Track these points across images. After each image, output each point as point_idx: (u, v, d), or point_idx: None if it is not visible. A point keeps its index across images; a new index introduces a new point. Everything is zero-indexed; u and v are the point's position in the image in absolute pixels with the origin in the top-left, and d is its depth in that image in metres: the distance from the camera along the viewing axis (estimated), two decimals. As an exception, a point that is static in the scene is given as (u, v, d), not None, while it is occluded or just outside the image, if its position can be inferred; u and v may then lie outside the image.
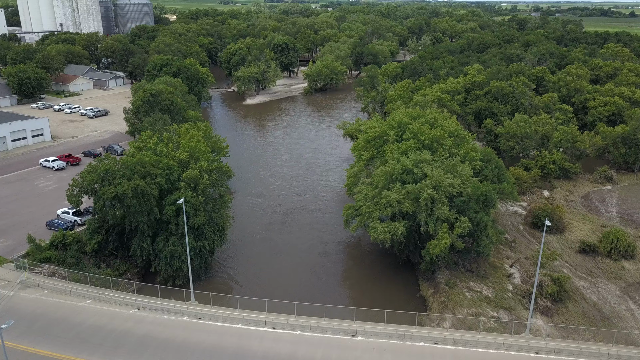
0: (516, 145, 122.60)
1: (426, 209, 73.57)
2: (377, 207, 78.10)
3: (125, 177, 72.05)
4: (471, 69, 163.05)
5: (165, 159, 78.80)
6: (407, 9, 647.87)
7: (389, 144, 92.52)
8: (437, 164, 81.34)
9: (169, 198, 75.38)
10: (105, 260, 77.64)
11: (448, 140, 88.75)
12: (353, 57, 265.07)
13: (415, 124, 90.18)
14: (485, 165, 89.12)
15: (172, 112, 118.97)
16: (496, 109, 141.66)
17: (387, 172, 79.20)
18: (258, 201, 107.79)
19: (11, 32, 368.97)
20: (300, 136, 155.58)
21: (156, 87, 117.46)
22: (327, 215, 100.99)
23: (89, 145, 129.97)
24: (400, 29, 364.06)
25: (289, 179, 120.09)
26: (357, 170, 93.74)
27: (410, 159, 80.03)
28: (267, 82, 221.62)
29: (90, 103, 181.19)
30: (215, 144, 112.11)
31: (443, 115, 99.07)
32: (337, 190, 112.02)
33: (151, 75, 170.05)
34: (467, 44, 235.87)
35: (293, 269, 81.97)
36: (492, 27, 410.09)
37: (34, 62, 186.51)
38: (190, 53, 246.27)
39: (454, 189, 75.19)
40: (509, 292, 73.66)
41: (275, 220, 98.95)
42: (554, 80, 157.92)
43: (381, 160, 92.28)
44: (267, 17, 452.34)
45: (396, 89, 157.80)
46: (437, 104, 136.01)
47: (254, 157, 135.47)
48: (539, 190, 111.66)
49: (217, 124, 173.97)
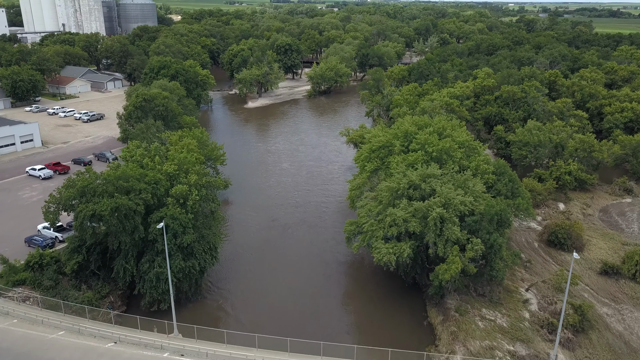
0: (529, 154, 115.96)
1: (435, 229, 67.20)
2: (381, 225, 71.84)
3: (106, 194, 66.12)
4: (481, 72, 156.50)
5: (152, 171, 72.80)
6: (414, 9, 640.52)
7: (394, 155, 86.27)
8: (446, 179, 75.02)
9: (155, 215, 69.46)
10: (86, 281, 71.71)
11: (458, 151, 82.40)
12: (358, 58, 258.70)
13: (423, 134, 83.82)
14: (498, 179, 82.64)
15: (166, 118, 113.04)
16: (507, 115, 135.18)
17: (392, 188, 72.88)
18: (255, 214, 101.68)
19: (12, 33, 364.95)
20: (301, 142, 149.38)
21: (150, 92, 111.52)
22: (328, 230, 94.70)
23: (80, 152, 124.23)
24: (407, 30, 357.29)
25: (288, 189, 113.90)
26: (360, 182, 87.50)
27: (417, 173, 73.72)
28: (269, 84, 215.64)
29: (87, 106, 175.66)
30: (211, 151, 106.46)
31: (452, 124, 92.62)
32: (339, 202, 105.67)
33: (148, 78, 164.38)
34: (476, 45, 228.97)
35: (290, 293, 75.74)
36: (500, 28, 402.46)
37: (29, 64, 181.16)
38: (192, 54, 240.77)
39: (465, 207, 68.80)
40: (526, 320, 67.15)
41: (273, 236, 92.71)
42: (568, 84, 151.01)
43: (386, 172, 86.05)
44: (271, 18, 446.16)
45: (402, 93, 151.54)
46: (445, 109, 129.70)
47: (253, 165, 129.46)
48: (554, 203, 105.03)
49: (217, 128, 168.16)
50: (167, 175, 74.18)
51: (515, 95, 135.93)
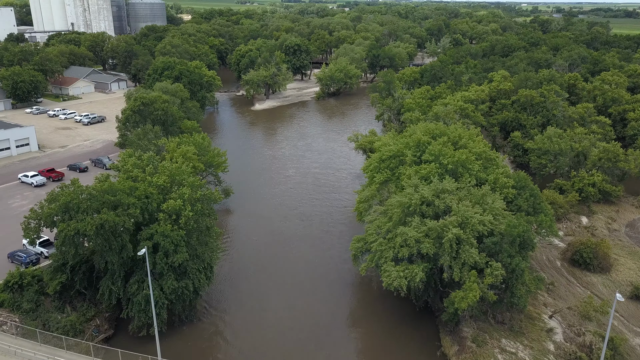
0: (549, 163, 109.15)
1: (450, 251, 61.00)
2: (390, 244, 65.74)
3: (91, 210, 60.66)
4: (496, 75, 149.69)
5: (143, 184, 67.26)
6: (425, 9, 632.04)
7: (405, 166, 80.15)
8: (462, 194, 68.77)
9: (144, 232, 63.95)
10: (71, 302, 66.42)
11: (475, 164, 76.07)
12: (368, 59, 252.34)
13: (437, 145, 77.52)
14: (518, 193, 76.22)
15: (165, 123, 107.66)
16: (525, 121, 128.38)
17: (404, 203, 66.75)
18: (257, 226, 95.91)
19: (20, 32, 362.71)
20: (308, 147, 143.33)
21: (148, 95, 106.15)
22: (334, 246, 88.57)
23: (78, 157, 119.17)
24: (419, 30, 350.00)
25: (293, 199, 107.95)
26: (369, 194, 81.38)
27: (431, 188, 67.54)
28: (277, 86, 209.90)
29: (89, 108, 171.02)
30: (212, 158, 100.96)
31: (469, 133, 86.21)
32: (346, 213, 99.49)
33: (152, 79, 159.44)
34: (490, 47, 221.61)
35: (293, 316, 69.93)
36: (514, 29, 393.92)
37: (31, 64, 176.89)
38: (199, 54, 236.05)
39: (484, 227, 62.53)
40: (551, 353, 60.76)
41: (275, 251, 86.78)
42: (589, 88, 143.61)
43: (396, 184, 80.00)
44: (281, 18, 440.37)
45: (414, 96, 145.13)
46: (460, 114, 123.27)
47: (258, 172, 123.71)
48: (577, 217, 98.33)
49: (222, 131, 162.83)
50: (160, 189, 68.63)
51: (534, 100, 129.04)
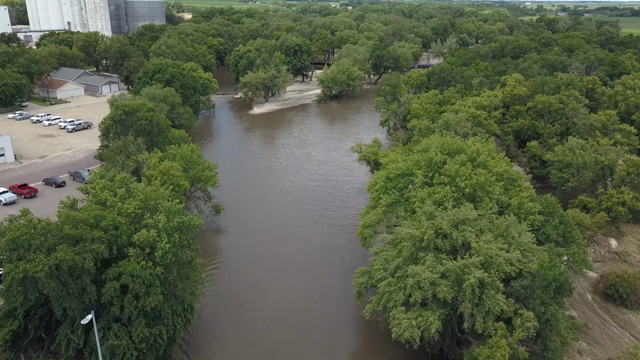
0: (571, 177, 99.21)
1: (472, 297, 51.29)
2: (400, 284, 56.12)
3: (46, 247, 51.14)
4: (510, 79, 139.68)
5: (111, 212, 57.64)
6: (430, 8, 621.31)
7: (415, 187, 70.41)
8: (483, 224, 59.00)
9: (111, 272, 54.38)
10: (26, 351, 56.96)
11: (496, 186, 66.26)
12: (372, 60, 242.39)
13: (453, 165, 67.67)
14: (546, 220, 66.41)
15: (151, 133, 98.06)
16: (542, 129, 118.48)
17: (416, 236, 57.04)
18: (249, 250, 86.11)
19: (15, 31, 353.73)
20: (307, 157, 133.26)
21: (131, 103, 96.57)
22: (334, 277, 78.26)
23: (57, 168, 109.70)
24: (423, 30, 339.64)
25: (290, 218, 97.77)
26: (375, 219, 71.64)
27: (448, 218, 57.75)
28: (276, 88, 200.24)
29: (76, 113, 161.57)
30: (201, 172, 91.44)
31: (488, 148, 76.36)
32: (349, 237, 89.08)
33: (142, 83, 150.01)
34: (500, 47, 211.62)
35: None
36: (521, 28, 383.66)
37: (15, 66, 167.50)
38: (196, 55, 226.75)
39: (511, 267, 52.81)
40: (592, 420, 51.08)
41: (269, 282, 76.92)
42: (610, 93, 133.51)
43: (405, 207, 70.31)
44: (282, 17, 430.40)
45: (421, 101, 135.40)
46: (472, 122, 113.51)
47: (252, 185, 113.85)
48: (605, 239, 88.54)
49: (217, 138, 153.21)
50: (131, 217, 59.03)
51: (552, 107, 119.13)
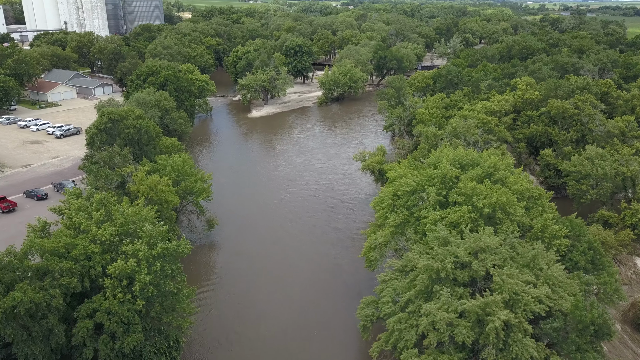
0: (590, 189, 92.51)
1: (496, 342, 44.60)
2: (412, 321, 49.49)
3: (3, 283, 44.52)
4: (520, 82, 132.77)
5: (84, 240, 50.95)
6: (432, 7, 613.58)
7: (428, 207, 63.65)
8: (505, 252, 52.25)
9: (83, 308, 47.83)
10: (-12, 398, 50.33)
11: (518, 207, 59.47)
12: (374, 61, 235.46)
13: (469, 182, 60.89)
14: (572, 245, 59.69)
15: (139, 142, 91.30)
16: (556, 136, 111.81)
17: (431, 268, 50.31)
18: (242, 272, 79.41)
19: (10, 31, 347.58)
20: (307, 165, 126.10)
21: (118, 110, 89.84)
22: (336, 306, 70.90)
23: (41, 179, 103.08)
24: (427, 30, 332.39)
25: (287, 236, 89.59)
26: (382, 241, 64.97)
27: (466, 246, 51.06)
28: (276, 90, 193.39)
29: (66, 117, 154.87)
30: (193, 184, 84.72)
31: (505, 162, 69.59)
32: (352, 258, 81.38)
33: (135, 86, 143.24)
34: (507, 48, 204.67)
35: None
36: (526, 28, 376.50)
37: (3, 68, 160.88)
38: (194, 56, 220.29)
39: (540, 305, 46.08)
40: None
41: (264, 311, 70.34)
42: (626, 97, 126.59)
43: (416, 228, 63.65)
44: (282, 16, 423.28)
45: (427, 105, 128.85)
46: (482, 129, 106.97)
47: (248, 196, 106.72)
48: (630, 258, 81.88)
49: (212, 144, 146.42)
50: (106, 244, 52.30)
51: (567, 112, 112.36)
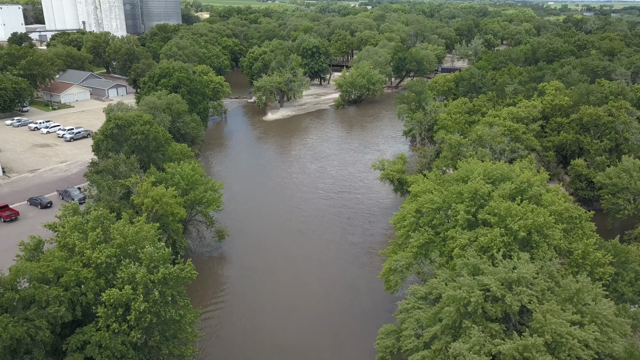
0: (627, 204, 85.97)
1: (537, 392, 38.96)
2: (439, 358, 44.09)
3: (-16, 314, 40.17)
4: (549, 86, 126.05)
5: (76, 264, 46.38)
6: (451, 7, 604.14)
7: (454, 224, 58.06)
8: (543, 282, 46.49)
9: (73, 340, 43.26)
10: None
11: (556, 229, 53.53)
12: (393, 63, 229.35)
13: (502, 201, 55.09)
14: (617, 274, 53.63)
15: (147, 149, 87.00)
16: (588, 145, 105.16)
17: (460, 299, 44.82)
18: (253, 289, 74.51)
19: (29, 31, 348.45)
20: (321, 173, 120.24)
21: (125, 116, 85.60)
22: (351, 334, 65.55)
23: (47, 185, 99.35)
24: (447, 31, 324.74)
25: (300, 251, 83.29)
26: (404, 264, 59.48)
27: (499, 273, 45.43)
28: (292, 93, 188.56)
29: (79, 119, 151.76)
30: (202, 194, 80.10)
31: (540, 177, 63.59)
32: (370, 279, 75.33)
33: (147, 88, 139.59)
34: (532, 50, 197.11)
35: None
36: (549, 29, 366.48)
37: (17, 69, 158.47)
38: (209, 56, 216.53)
39: (588, 350, 40.30)
40: None
41: (273, 341, 65.35)
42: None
43: (441, 250, 58.14)
44: (300, 16, 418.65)
45: (449, 110, 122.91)
46: (509, 137, 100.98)
47: (260, 206, 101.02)
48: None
49: (226, 149, 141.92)
50: (101, 268, 47.68)
51: (600, 120, 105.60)
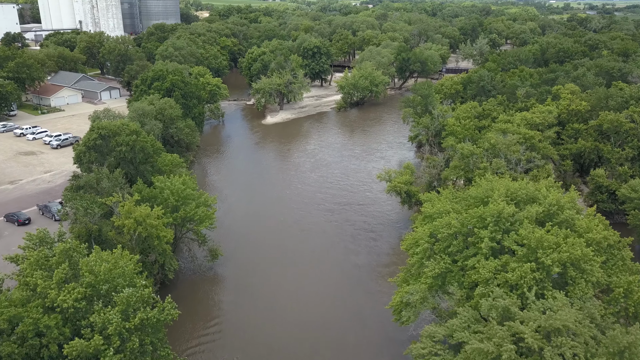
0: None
1: None
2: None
3: None
4: (564, 90, 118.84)
5: (35, 310, 39.33)
6: (454, 6, 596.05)
7: (477, 253, 50.98)
8: (587, 331, 39.43)
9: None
10: None
11: (594, 262, 46.42)
12: (397, 63, 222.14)
13: (533, 230, 47.94)
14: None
15: (134, 161, 79.91)
16: (608, 153, 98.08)
17: (487, 354, 37.75)
18: (249, 315, 67.54)
19: (23, 30, 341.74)
20: (322, 183, 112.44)
21: (110, 125, 78.48)
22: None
23: (28, 198, 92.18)
24: (451, 30, 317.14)
25: (295, 279, 74.79)
26: (418, 298, 52.37)
27: (533, 324, 38.35)
28: (292, 95, 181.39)
29: (68, 124, 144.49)
30: (193, 210, 73.06)
31: (570, 197, 56.42)
32: (377, 309, 67.52)
33: (140, 91, 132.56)
34: (541, 51, 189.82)
35: None
36: (554, 28, 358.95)
37: (4, 71, 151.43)
38: (207, 57, 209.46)
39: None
40: None
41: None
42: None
43: (460, 281, 51.11)
44: (300, 16, 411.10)
45: (457, 115, 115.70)
46: (524, 145, 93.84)
47: (256, 220, 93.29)
48: None
49: (222, 155, 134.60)
50: (69, 312, 40.66)
51: (622, 126, 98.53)
